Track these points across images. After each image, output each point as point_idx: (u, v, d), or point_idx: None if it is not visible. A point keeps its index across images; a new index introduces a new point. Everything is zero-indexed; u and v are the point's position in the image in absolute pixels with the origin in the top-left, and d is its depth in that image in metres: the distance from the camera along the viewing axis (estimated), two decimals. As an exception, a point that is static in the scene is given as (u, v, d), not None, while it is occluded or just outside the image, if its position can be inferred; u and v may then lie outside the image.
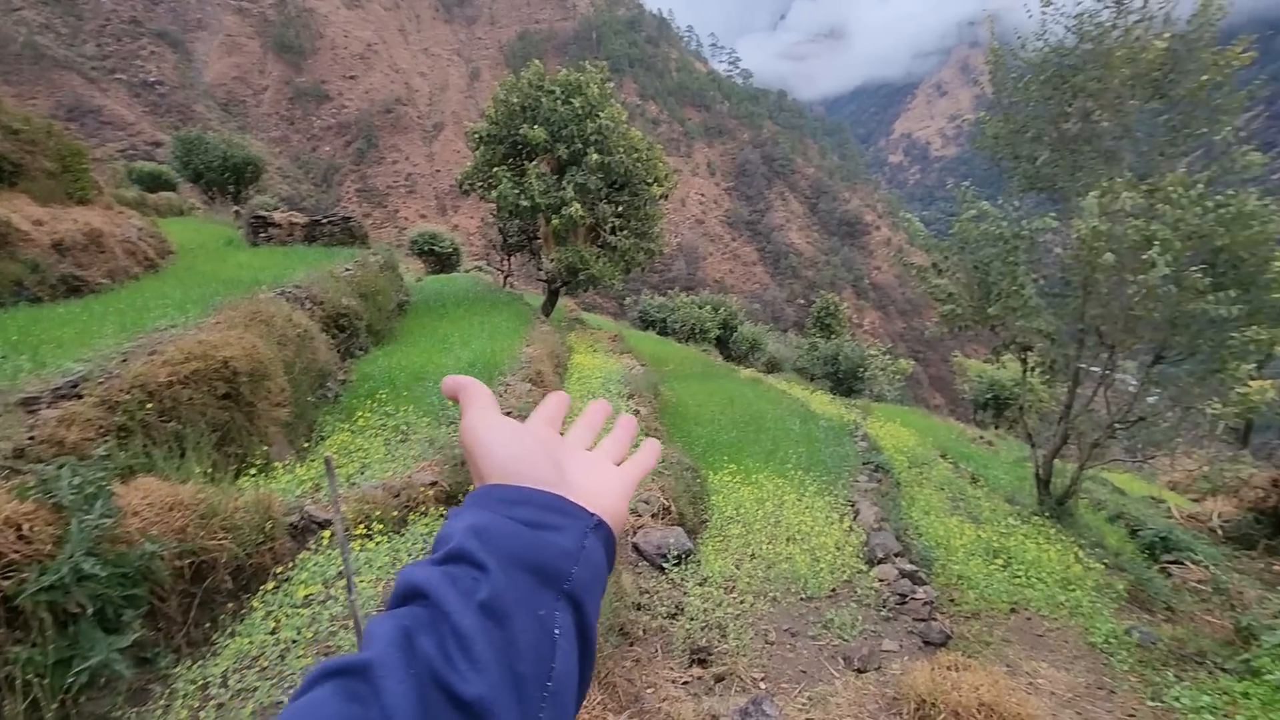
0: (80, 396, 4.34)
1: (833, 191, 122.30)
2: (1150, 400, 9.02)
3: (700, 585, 5.81)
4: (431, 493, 5.68)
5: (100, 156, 22.81)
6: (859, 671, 4.78)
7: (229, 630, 3.58)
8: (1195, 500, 15.16)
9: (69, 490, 2.92)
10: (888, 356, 27.21)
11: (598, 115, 16.18)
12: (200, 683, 3.12)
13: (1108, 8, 8.42)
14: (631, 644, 4.77)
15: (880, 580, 6.21)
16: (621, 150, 16.42)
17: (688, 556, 6.22)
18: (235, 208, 18.69)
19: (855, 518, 7.95)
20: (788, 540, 7.00)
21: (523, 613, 0.43)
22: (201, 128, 23.22)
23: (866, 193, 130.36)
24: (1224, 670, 5.49)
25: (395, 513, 5.13)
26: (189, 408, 4.96)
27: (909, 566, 6.52)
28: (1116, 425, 8.74)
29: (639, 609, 5.34)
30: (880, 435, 13.03)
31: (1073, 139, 8.98)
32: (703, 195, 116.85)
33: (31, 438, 3.85)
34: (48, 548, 2.83)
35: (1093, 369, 9.04)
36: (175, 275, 10.00)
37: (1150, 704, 4.94)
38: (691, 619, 5.19)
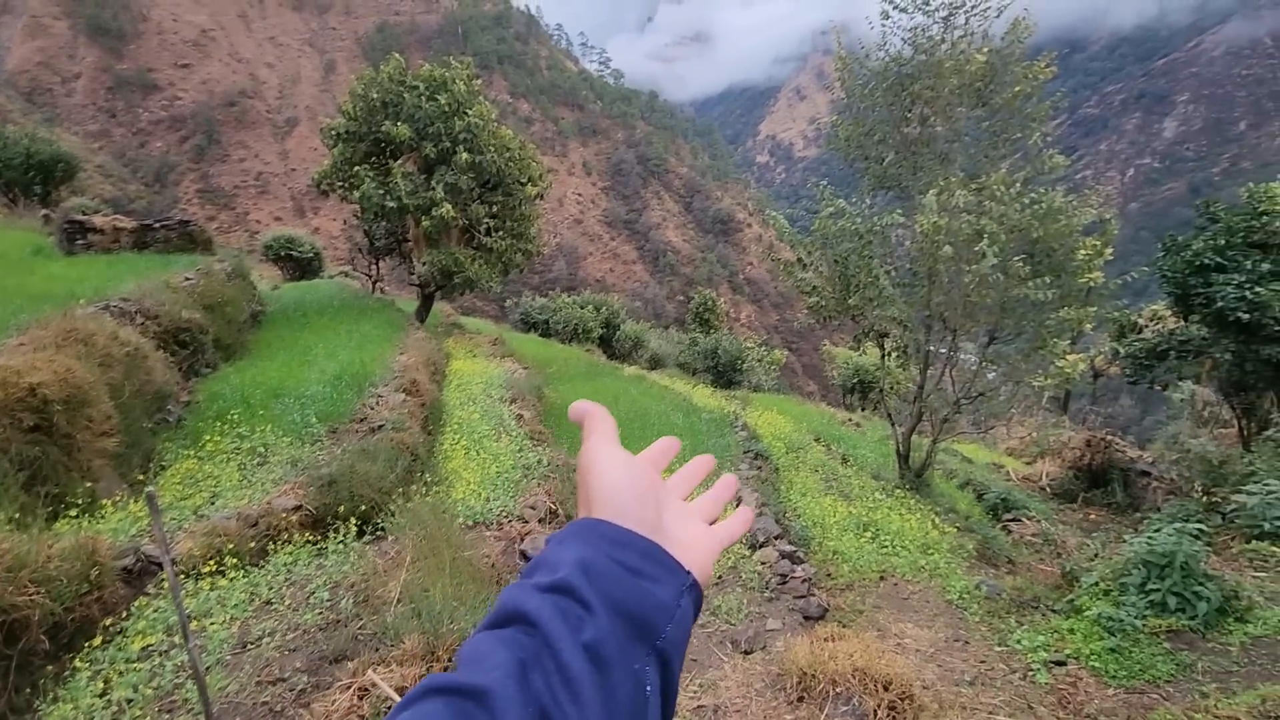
0: None
1: (705, 190, 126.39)
2: (989, 377, 10.07)
3: (591, 586, 5.77)
4: (295, 518, 5.24)
5: None
6: (746, 653, 4.94)
7: (50, 696, 3.10)
8: (1028, 463, 17.15)
9: None
10: (763, 348, 28.57)
11: (466, 113, 15.68)
12: (9, 765, 2.67)
13: (936, 23, 9.26)
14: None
15: (762, 563, 6.47)
16: (493, 149, 16.01)
17: (577, 559, 6.16)
18: (44, 211, 16.32)
19: (738, 505, 8.23)
20: (675, 533, 7.12)
21: (622, 663, 0.43)
22: (-3, 119, 20.05)
23: (737, 191, 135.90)
24: (1054, 611, 6.23)
25: (253, 544, 4.69)
26: (-14, 444, 4.25)
27: (788, 547, 6.84)
28: (962, 401, 9.66)
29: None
30: (759, 424, 13.62)
31: (913, 142, 9.81)
32: (580, 195, 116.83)
33: None
34: None
35: (940, 351, 9.94)
36: (-34, 290, 8.56)
37: (998, 649, 5.50)
38: (583, 621, 5.14)
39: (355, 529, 5.09)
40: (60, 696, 3.14)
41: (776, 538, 7.18)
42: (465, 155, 15.34)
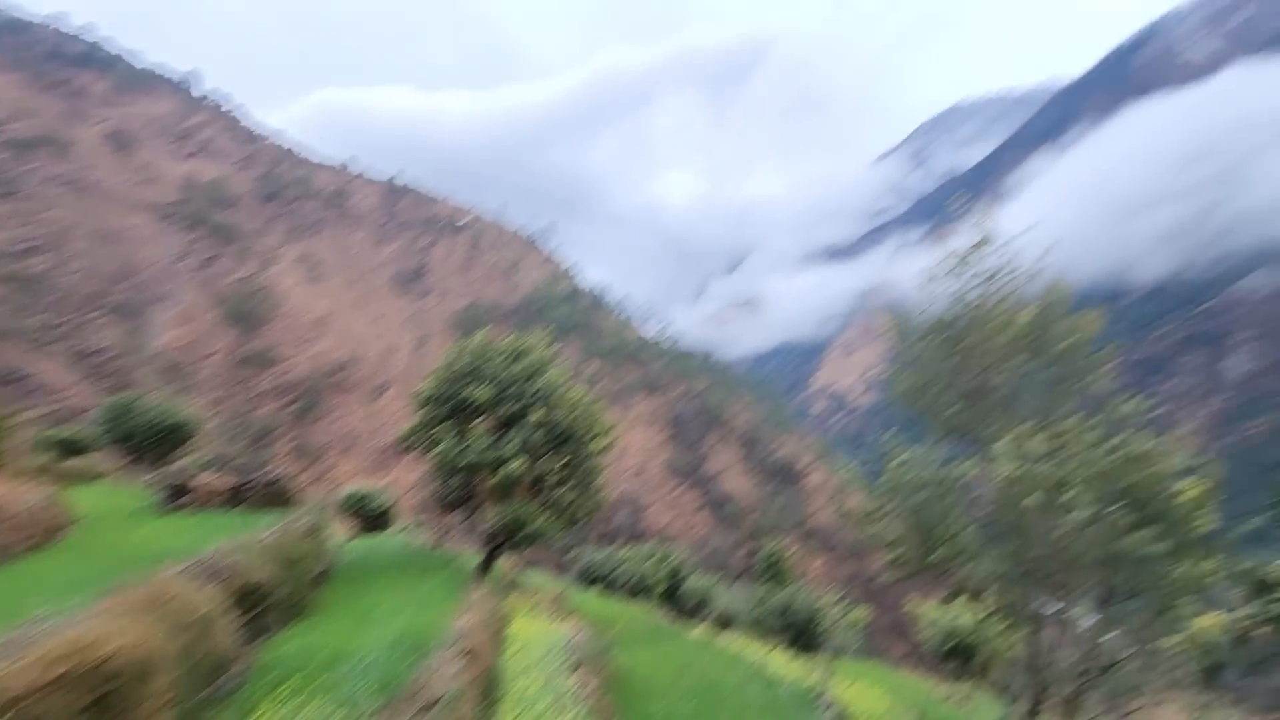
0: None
1: (765, 439, 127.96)
2: (1108, 639, 8.81)
3: None
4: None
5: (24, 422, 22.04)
6: None
7: None
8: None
9: None
10: (842, 605, 26.27)
11: (544, 372, 17.09)
12: None
13: (974, 289, 9.96)
14: None
15: None
16: (564, 407, 17.07)
17: None
18: (148, 476, 17.84)
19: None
20: None
21: None
22: (140, 391, 23.16)
23: (796, 439, 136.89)
24: None
25: None
26: (47, 721, 4.14)
27: None
28: (1085, 676, 8.36)
29: None
30: (850, 700, 11.98)
31: (974, 391, 9.95)
32: (643, 445, 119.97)
33: None
34: None
35: (1049, 613, 8.90)
36: (70, 550, 9.09)
37: None
38: None
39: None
40: None
41: None
42: (541, 412, 16.37)
